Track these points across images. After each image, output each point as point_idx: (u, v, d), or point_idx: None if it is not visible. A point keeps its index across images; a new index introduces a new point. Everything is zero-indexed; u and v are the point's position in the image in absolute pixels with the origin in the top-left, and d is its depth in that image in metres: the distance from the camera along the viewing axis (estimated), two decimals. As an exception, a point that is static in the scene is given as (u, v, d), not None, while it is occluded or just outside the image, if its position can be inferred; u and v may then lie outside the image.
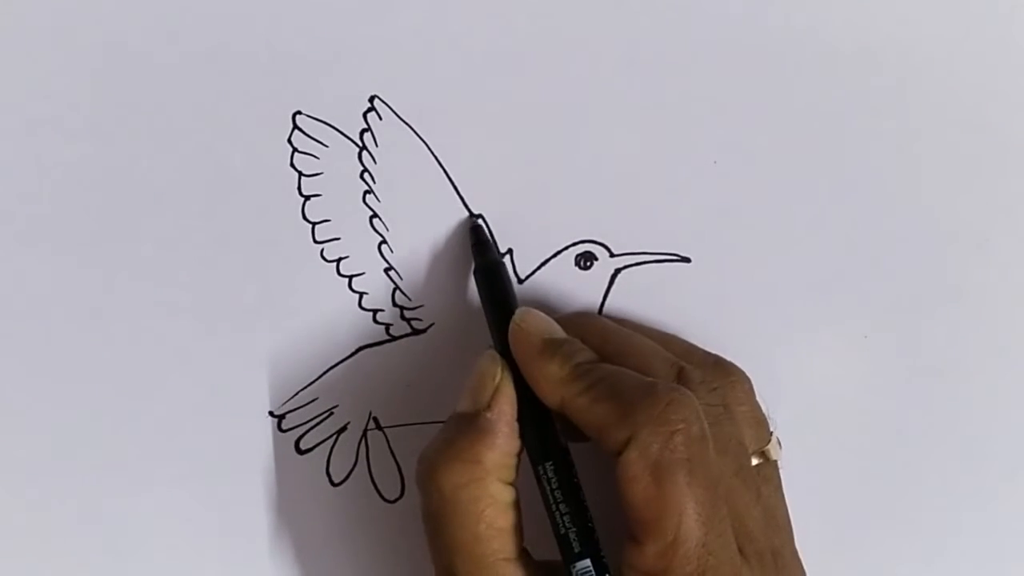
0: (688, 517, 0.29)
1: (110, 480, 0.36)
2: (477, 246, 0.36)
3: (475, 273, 0.36)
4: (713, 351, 0.35)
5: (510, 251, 0.37)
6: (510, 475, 0.32)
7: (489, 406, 0.32)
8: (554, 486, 0.31)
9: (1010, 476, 0.39)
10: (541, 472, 0.32)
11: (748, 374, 0.35)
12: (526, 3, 0.37)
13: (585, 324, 0.34)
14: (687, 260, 0.38)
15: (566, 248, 0.37)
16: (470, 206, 0.37)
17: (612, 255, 0.37)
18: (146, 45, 0.36)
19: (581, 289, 0.37)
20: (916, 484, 0.38)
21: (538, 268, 0.37)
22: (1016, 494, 0.39)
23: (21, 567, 0.36)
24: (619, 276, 0.37)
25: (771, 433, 0.34)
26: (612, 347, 0.33)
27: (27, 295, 0.36)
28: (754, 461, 0.33)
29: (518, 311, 0.33)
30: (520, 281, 0.37)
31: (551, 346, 0.32)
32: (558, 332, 0.33)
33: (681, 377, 0.32)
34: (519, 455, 0.32)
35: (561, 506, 0.31)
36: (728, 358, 0.35)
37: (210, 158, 0.36)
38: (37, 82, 0.36)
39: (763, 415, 0.34)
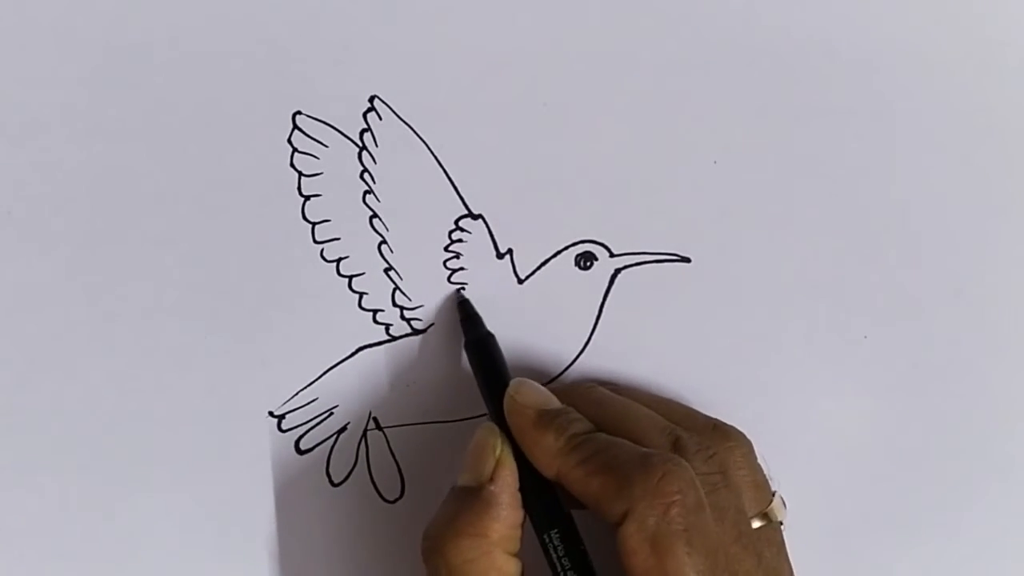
0: None
1: (110, 480, 0.36)
2: (466, 321, 0.36)
3: (466, 347, 0.36)
4: (713, 351, 0.35)
5: (510, 251, 0.37)
6: (515, 546, 0.32)
7: (492, 478, 0.32)
8: (560, 554, 0.32)
9: (1010, 476, 0.39)
10: (547, 540, 0.32)
11: (747, 375, 0.35)
12: (526, 3, 0.37)
13: (581, 394, 0.35)
14: (687, 260, 0.38)
15: (566, 248, 0.37)
16: (470, 206, 0.37)
17: (612, 255, 0.37)
18: (146, 45, 0.36)
19: (581, 289, 0.37)
20: (916, 484, 0.38)
21: (538, 268, 0.37)
22: (1016, 494, 0.39)
23: (21, 567, 0.36)
24: (619, 276, 0.37)
25: (773, 494, 0.34)
26: (608, 416, 0.33)
27: (27, 295, 0.36)
28: (756, 524, 0.33)
29: (513, 383, 0.34)
30: (520, 281, 0.37)
31: (546, 417, 0.32)
32: (553, 403, 0.33)
33: (677, 446, 0.32)
34: (523, 525, 0.32)
35: (569, 573, 0.31)
36: (727, 359, 0.35)
37: (210, 158, 0.36)
38: (37, 82, 0.36)
39: (763, 477, 0.34)
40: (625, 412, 0.34)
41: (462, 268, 0.37)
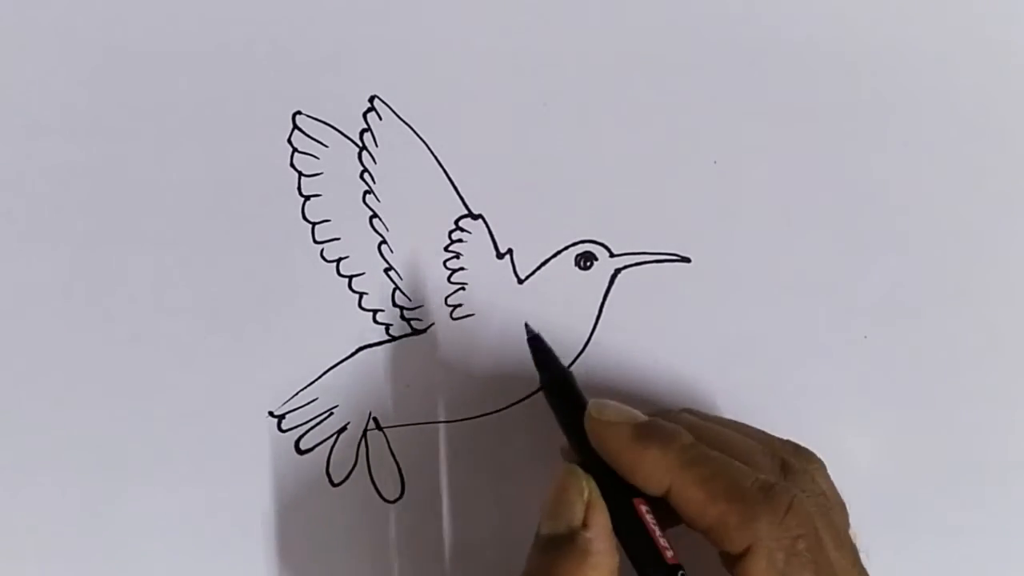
0: None
1: (110, 480, 0.36)
2: (540, 356, 0.34)
3: (544, 389, 0.34)
4: (712, 352, 0.35)
5: (510, 251, 0.37)
6: None
7: (585, 524, 0.30)
8: None
9: (1010, 476, 0.39)
10: None
11: (747, 375, 0.35)
12: (526, 3, 0.37)
13: (672, 419, 0.32)
14: (687, 260, 0.38)
15: (566, 248, 0.37)
16: (470, 206, 0.37)
17: (612, 255, 0.37)
18: (146, 45, 0.36)
19: (581, 289, 0.37)
20: (916, 484, 0.38)
21: (538, 268, 0.37)
22: (1016, 494, 0.39)
23: (21, 567, 0.36)
24: (619, 276, 0.37)
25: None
26: (708, 442, 0.31)
27: (27, 295, 0.36)
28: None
29: (592, 403, 0.32)
30: (520, 281, 0.37)
31: (645, 430, 0.31)
32: (640, 416, 0.31)
33: (786, 469, 0.31)
34: (619, 570, 0.30)
35: None
36: (727, 359, 0.35)
37: (210, 158, 0.36)
38: (37, 82, 0.36)
39: (839, 495, 0.33)
40: (723, 436, 0.32)
41: (462, 268, 0.37)
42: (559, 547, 0.29)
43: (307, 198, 0.37)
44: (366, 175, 0.37)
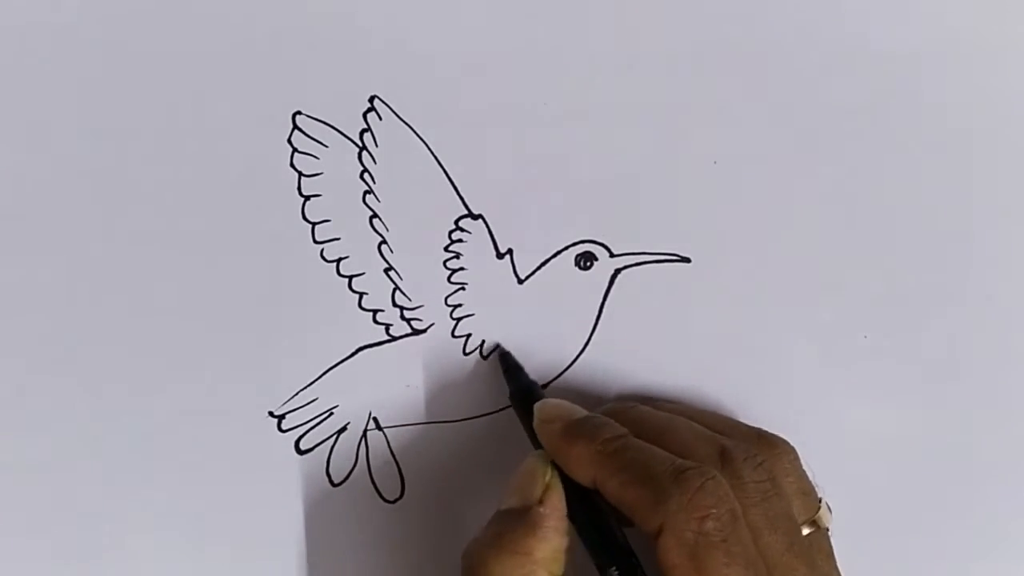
0: None
1: (110, 480, 0.36)
2: (509, 373, 0.36)
3: (511, 398, 0.36)
4: (712, 352, 0.35)
5: (510, 251, 0.37)
6: (559, 570, 0.31)
7: (540, 501, 0.32)
8: None
9: (1010, 476, 0.39)
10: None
11: (747, 375, 0.35)
12: (526, 3, 0.37)
13: (620, 413, 0.34)
14: (687, 260, 0.38)
15: (566, 248, 0.37)
16: (470, 206, 0.37)
17: (612, 255, 0.37)
18: (146, 45, 0.36)
19: (581, 289, 0.37)
20: (916, 484, 0.38)
21: (538, 268, 0.37)
22: (1017, 495, 0.39)
23: (21, 567, 0.36)
24: (619, 276, 0.37)
25: (820, 500, 0.34)
26: (651, 431, 0.33)
27: (27, 295, 0.36)
28: (805, 531, 0.33)
29: (537, 405, 0.34)
30: (520, 281, 0.37)
31: (573, 427, 0.32)
32: (579, 413, 0.33)
33: (724, 456, 0.32)
34: (567, 552, 0.32)
35: None
36: (727, 359, 0.35)
37: (210, 158, 0.36)
38: (37, 82, 0.36)
39: (810, 484, 0.34)
40: (668, 425, 0.33)
41: (462, 268, 0.37)
42: (511, 518, 0.32)
43: (307, 198, 0.37)
44: (366, 175, 0.37)
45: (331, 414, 0.37)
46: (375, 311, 0.37)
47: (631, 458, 0.31)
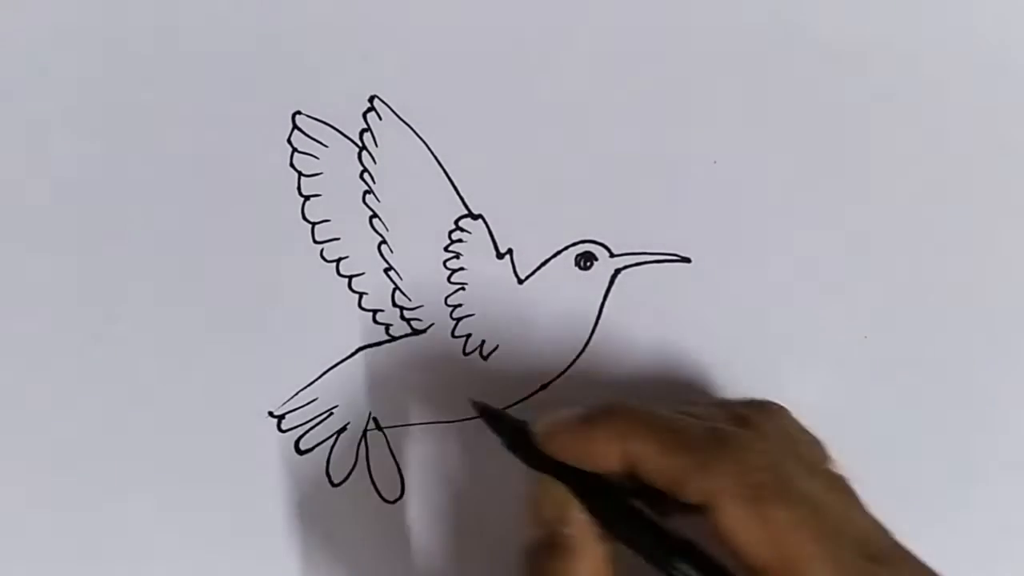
0: (802, 547, 0.28)
1: (110, 480, 0.36)
2: (494, 422, 0.33)
3: (511, 448, 0.33)
4: (712, 352, 0.35)
5: (510, 251, 0.37)
6: None
7: (563, 521, 0.30)
8: None
9: (1010, 476, 0.39)
10: (675, 572, 0.29)
11: (747, 375, 0.35)
12: (526, 3, 0.37)
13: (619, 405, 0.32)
14: (687, 260, 0.38)
15: (566, 248, 0.37)
16: (470, 206, 0.37)
17: (612, 255, 0.37)
18: (146, 45, 0.36)
19: (581, 289, 0.37)
20: (915, 484, 0.38)
21: (538, 268, 0.37)
22: (1016, 494, 0.39)
23: (22, 567, 0.36)
24: (619, 276, 0.37)
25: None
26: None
27: (27, 295, 0.36)
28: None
29: (537, 424, 0.31)
30: (520, 281, 0.37)
31: (589, 412, 0.31)
32: (581, 410, 0.31)
33: (741, 420, 0.31)
34: (609, 563, 0.30)
35: None
36: (727, 359, 0.35)
37: (210, 158, 0.36)
38: (37, 82, 0.36)
39: (813, 433, 0.33)
40: (676, 410, 0.32)
41: (462, 268, 0.37)
42: (541, 550, 0.30)
43: (307, 198, 0.37)
44: (366, 175, 0.37)
45: (331, 414, 0.37)
46: (375, 311, 0.37)
47: (664, 424, 0.30)
